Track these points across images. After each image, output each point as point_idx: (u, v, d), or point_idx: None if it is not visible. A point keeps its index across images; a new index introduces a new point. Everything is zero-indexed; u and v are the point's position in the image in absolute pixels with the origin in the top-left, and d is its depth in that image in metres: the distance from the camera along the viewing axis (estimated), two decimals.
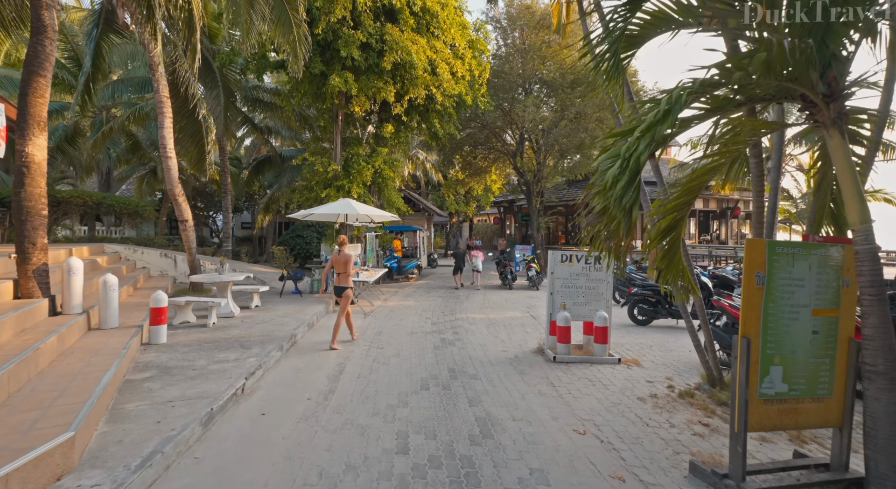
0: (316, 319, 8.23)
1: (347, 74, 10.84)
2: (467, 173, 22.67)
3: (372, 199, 13.23)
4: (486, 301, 11.58)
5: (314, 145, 13.79)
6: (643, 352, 6.65)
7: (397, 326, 8.14)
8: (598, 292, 6.48)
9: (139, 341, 5.57)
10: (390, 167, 13.18)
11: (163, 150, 8.57)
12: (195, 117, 9.02)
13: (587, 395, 4.76)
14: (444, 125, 14.14)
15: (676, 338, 7.64)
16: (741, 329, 2.90)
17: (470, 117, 18.24)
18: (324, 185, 12.65)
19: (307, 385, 4.86)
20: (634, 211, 2.44)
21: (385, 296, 12.24)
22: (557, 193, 20.88)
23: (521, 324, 8.54)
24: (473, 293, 13.02)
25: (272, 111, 16.54)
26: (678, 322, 8.76)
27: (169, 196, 8.81)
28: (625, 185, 2.35)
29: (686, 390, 4.86)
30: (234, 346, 5.78)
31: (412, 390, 4.80)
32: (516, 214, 31.68)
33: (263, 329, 6.89)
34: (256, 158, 19.65)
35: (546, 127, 15.19)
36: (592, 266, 6.48)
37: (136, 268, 11.65)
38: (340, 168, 12.64)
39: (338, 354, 6.16)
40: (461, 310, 10.12)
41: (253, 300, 8.62)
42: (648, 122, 2.35)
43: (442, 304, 10.84)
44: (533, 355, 6.38)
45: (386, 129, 12.77)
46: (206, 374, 4.64)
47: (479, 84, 14.16)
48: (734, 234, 28.19)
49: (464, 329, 8.05)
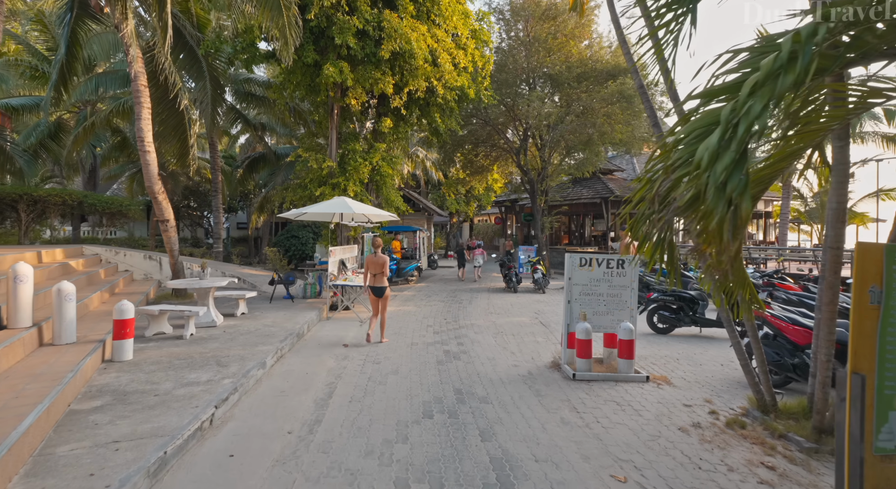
0: (307, 328, 7.51)
1: (342, 64, 10.12)
2: (468, 172, 21.96)
3: (369, 197, 12.52)
4: (490, 305, 10.87)
5: (308, 141, 13.06)
6: (671, 367, 5.94)
7: (396, 336, 7.43)
8: (620, 300, 5.77)
9: (99, 359, 4.85)
10: (389, 164, 12.47)
11: (140, 143, 7.86)
12: (176, 108, 8.31)
13: (619, 424, 4.05)
14: (446, 120, 13.43)
15: (704, 349, 6.92)
16: (850, 363, 2.19)
17: (472, 113, 17.53)
18: (318, 183, 11.94)
19: (290, 413, 4.14)
20: (745, 202, 1.72)
21: None
22: (562, 192, 20.17)
23: (530, 333, 7.83)
24: (476, 296, 12.31)
25: (265, 106, 15.83)
26: (702, 330, 8.06)
27: (149, 193, 8.10)
28: (729, 165, 1.65)
29: (733, 418, 4.15)
30: (209, 364, 5.06)
31: (413, 419, 4.09)
32: (518, 214, 30.96)
33: (246, 341, 6.17)
34: (250, 156, 18.93)
35: (551, 122, 14.50)
36: (615, 270, 5.77)
37: (118, 272, 10.93)
38: (336, 165, 11.92)
39: (329, 371, 5.44)
40: (465, 316, 9.41)
41: (238, 307, 7.90)
42: (766, 70, 1.63)
43: (444, 310, 10.14)
44: (548, 371, 5.67)
45: (384, 123, 12.06)
46: (169, 402, 3.92)
47: (482, 76, 13.45)
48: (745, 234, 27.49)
49: (469, 339, 7.34)
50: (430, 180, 28.33)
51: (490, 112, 17.34)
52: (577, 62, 15.86)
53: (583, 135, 14.82)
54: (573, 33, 15.69)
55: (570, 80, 15.64)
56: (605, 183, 20.53)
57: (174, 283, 6.60)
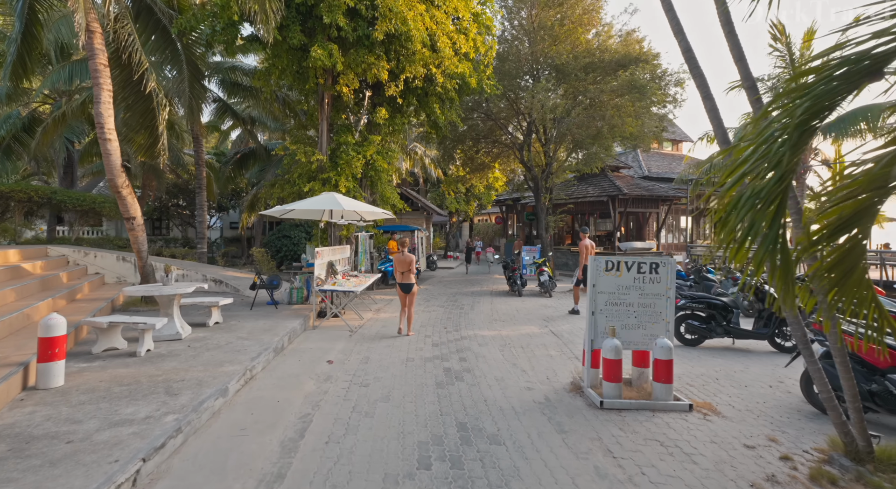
0: (287, 341, 6.58)
1: (332, 46, 9.19)
2: (469, 169, 21.03)
3: (363, 194, 11.60)
4: (494, 311, 9.95)
5: (298, 133, 12.13)
6: (712, 390, 5.03)
7: (389, 349, 6.50)
8: (654, 311, 4.85)
9: (18, 386, 3.93)
10: (384, 158, 11.54)
11: (99, 130, 6.92)
12: (143, 91, 7.39)
13: (671, 478, 3.13)
14: (446, 112, 12.52)
15: (744, 365, 6.01)
16: None
17: (472, 107, 16.62)
18: (307, 178, 11.01)
19: (246, 462, 3.22)
20: None
21: (377, 305, 10.61)
22: (566, 190, 19.28)
23: (541, 345, 6.91)
24: (479, 300, 11.39)
25: (254, 98, 14.91)
26: (734, 342, 7.15)
27: (111, 188, 7.17)
28: None
29: (817, 469, 3.23)
30: (156, 392, 4.14)
31: (405, 470, 3.16)
32: (520, 213, 30.06)
33: (212, 359, 5.24)
34: (239, 151, 17.98)
35: (558, 115, 13.60)
36: (647, 276, 4.85)
37: (86, 275, 10.00)
38: (326, 158, 11.00)
39: (305, 398, 4.52)
40: (467, 324, 8.49)
41: (211, 316, 6.96)
42: None
43: (444, 316, 9.21)
44: (569, 396, 4.76)
45: (379, 113, 11.13)
46: (82, 453, 2.99)
47: (484, 64, 12.54)
48: None
49: (472, 352, 6.42)
50: (429, 178, 27.43)
51: (492, 105, 16.43)
52: (584, 52, 14.94)
53: (591, 128, 13.90)
54: (581, 20, 14.78)
55: (576, 71, 14.73)
56: (612, 180, 19.62)
57: (131, 290, 5.68)
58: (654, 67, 13.75)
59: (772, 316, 6.63)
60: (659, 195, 19.30)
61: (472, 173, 21.31)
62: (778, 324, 6.60)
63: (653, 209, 20.33)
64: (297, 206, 8.56)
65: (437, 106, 12.23)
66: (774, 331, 6.63)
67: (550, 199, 17.72)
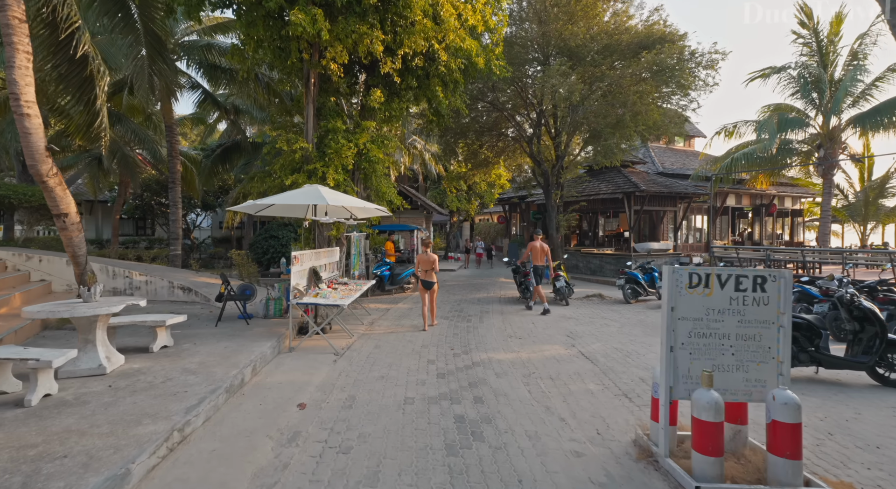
0: (250, 373, 5.09)
1: (316, 10, 7.71)
2: (471, 165, 19.53)
3: (355, 188, 10.11)
4: (507, 324, 8.49)
5: (279, 118, 10.64)
6: (832, 453, 3.57)
7: (381, 383, 5.03)
8: (760, 347, 3.38)
9: None
10: (380, 147, 10.05)
11: (14, 102, 5.43)
12: (74, 57, 5.92)
13: None
14: (449, 96, 11.04)
15: (852, 408, 4.53)
16: None
17: (477, 95, 15.16)
18: (290, 170, 9.51)
19: None
20: None
21: (371, 317, 9.14)
22: (577, 187, 17.83)
23: (575, 375, 5.44)
24: (487, 310, 9.92)
25: (236, 84, 13.42)
26: (818, 371, 5.68)
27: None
28: None
29: None
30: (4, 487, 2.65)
31: None
32: (524, 213, 28.63)
33: (129, 411, 3.75)
34: (223, 144, 16.46)
35: (574, 102, 12.15)
36: (750, 295, 3.38)
37: (28, 282, 8.50)
38: (312, 147, 9.51)
39: (253, 480, 3.04)
40: (478, 343, 7.01)
41: (156, 339, 5.47)
42: None
43: (449, 333, 7.74)
44: (639, 468, 3.29)
45: (374, 95, 9.64)
46: None
47: (493, 41, 11.06)
48: (768, 233, 25.23)
49: (490, 387, 4.95)
50: (429, 175, 25.95)
51: (499, 93, 14.97)
52: (600, 33, 13.50)
53: (611, 116, 12.44)
54: None
55: (593, 53, 13.29)
56: (627, 176, 18.18)
57: (31, 311, 4.20)
58: (680, 48, 12.29)
59: (875, 339, 5.16)
60: (678, 192, 17.86)
61: (475, 169, 19.82)
62: (884, 350, 5.14)
63: (669, 207, 18.90)
64: (274, 201, 7.08)
65: (440, 89, 10.74)
66: (876, 359, 5.17)
67: (561, 196, 16.27)
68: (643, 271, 12.22)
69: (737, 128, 20.34)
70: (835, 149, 18.12)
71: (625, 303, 11.47)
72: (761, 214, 24.56)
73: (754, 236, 24.88)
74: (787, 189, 24.59)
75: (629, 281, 11.62)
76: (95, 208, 23.89)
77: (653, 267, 12.34)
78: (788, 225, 26.88)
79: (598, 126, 12.28)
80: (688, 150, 26.64)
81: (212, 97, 14.10)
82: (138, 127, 14.74)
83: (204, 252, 24.94)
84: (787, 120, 18.16)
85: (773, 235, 25.63)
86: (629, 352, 6.53)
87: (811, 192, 25.66)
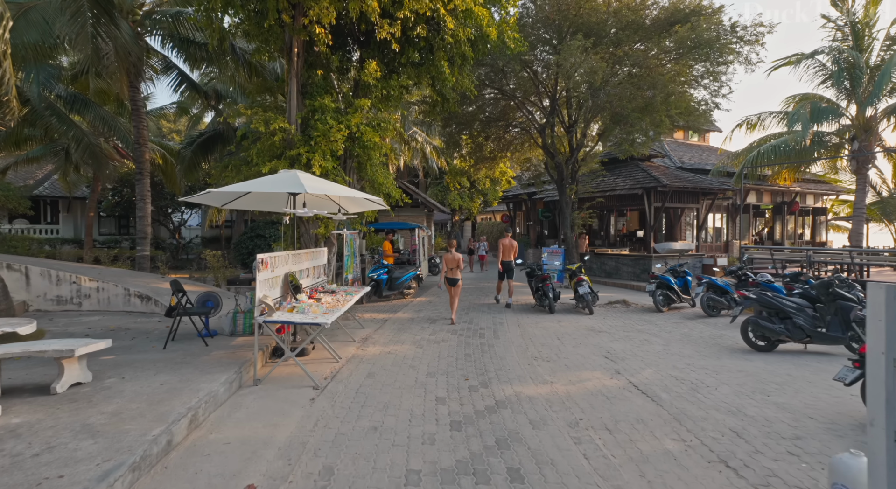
0: (186, 426, 3.59)
1: None
2: (475, 159, 18.01)
3: (347, 178, 8.64)
4: (527, 340, 7.01)
5: (259, 98, 9.15)
6: None
7: (373, 441, 3.54)
8: None
9: None
10: (375, 130, 8.56)
11: None
12: None
13: None
14: (456, 74, 9.57)
15: None
16: None
17: (485, 80, 13.67)
18: (268, 156, 8.05)
19: None
20: None
21: (365, 331, 7.65)
22: (592, 182, 16.35)
23: (639, 423, 3.96)
24: (501, 321, 8.43)
25: (214, 63, 11.94)
26: None
27: None
28: None
29: None
30: None
31: None
32: (529, 212, 27.14)
33: None
34: (204, 133, 14.93)
35: (597, 83, 10.68)
36: None
37: None
38: (295, 128, 8.04)
39: None
40: (498, 369, 5.53)
41: (62, 374, 3.96)
42: None
43: (460, 352, 6.27)
44: None
45: (369, 68, 8.16)
46: None
47: (506, 9, 9.60)
48: (789, 233, 23.77)
49: (527, 449, 3.46)
50: (430, 171, 24.46)
51: (508, 77, 13.49)
52: (623, 7, 12.01)
53: (638, 99, 10.95)
54: None
55: (617, 29, 11.82)
56: (647, 170, 16.72)
57: None
58: (718, 21, 10.82)
59: None
60: (703, 187, 16.39)
61: (480, 163, 18.30)
62: None
63: (691, 204, 17.43)
64: (238, 189, 5.59)
65: (446, 65, 9.26)
66: None
67: (576, 192, 14.80)
68: (674, 275, 10.74)
69: (761, 119, 18.87)
70: (870, 141, 16.66)
71: (656, 311, 10.01)
72: (782, 213, 23.09)
73: (775, 235, 23.43)
74: (811, 186, 23.14)
75: (661, 286, 10.14)
76: (74, 205, 22.34)
77: (685, 270, 10.86)
78: (809, 224, 25.42)
79: (623, 111, 10.81)
80: (703, 145, 25.20)
81: (189, 81, 12.62)
82: (108, 114, 13.25)
83: (192, 252, 23.43)
84: (820, 109, 16.69)
85: (795, 235, 24.18)
86: (695, 384, 5.06)
87: (835, 188, 24.21)
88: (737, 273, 10.23)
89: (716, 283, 9.58)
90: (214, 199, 6.04)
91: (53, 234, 22.15)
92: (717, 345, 6.93)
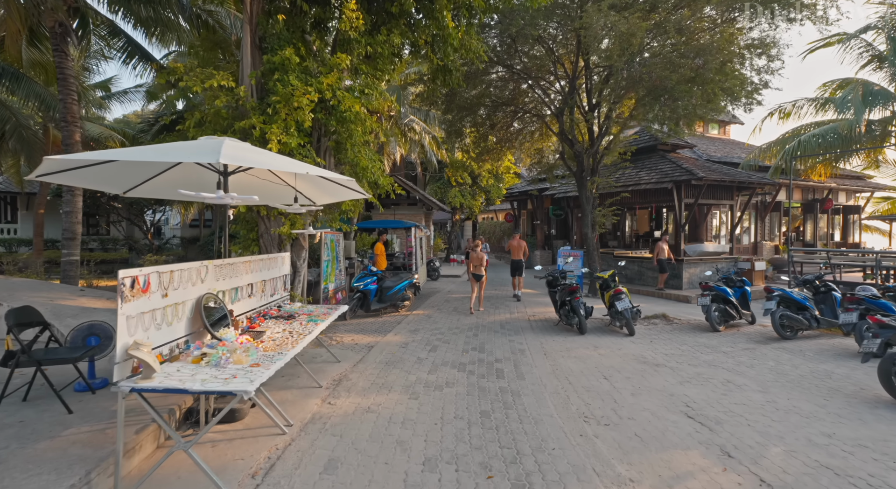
0: None
1: None
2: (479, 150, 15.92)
3: (319, 160, 6.55)
4: (565, 381, 4.93)
5: (203, 54, 7.07)
6: None
7: None
8: None
9: None
10: (357, 97, 6.46)
11: None
12: None
13: None
14: (462, 30, 7.49)
15: None
16: None
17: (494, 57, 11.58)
18: (212, 129, 5.96)
19: None
20: None
21: (340, 366, 5.53)
22: (612, 175, 14.28)
23: None
24: (522, 348, 6.34)
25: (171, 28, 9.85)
26: None
27: None
28: None
29: None
30: None
31: None
32: (535, 211, 25.07)
33: None
34: (163, 114, 12.78)
35: (633, 49, 8.63)
36: None
37: None
38: (247, 91, 5.96)
39: None
40: (535, 449, 3.45)
41: None
42: None
43: (472, 405, 4.19)
44: None
45: (348, 13, 6.08)
46: None
47: None
48: (822, 233, 21.73)
49: None
50: (429, 165, 22.37)
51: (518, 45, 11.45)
52: None
53: (685, 68, 8.88)
54: None
55: None
56: (676, 162, 14.68)
57: None
58: None
59: None
60: (741, 181, 14.34)
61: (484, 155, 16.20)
62: None
63: (725, 200, 15.36)
64: (111, 156, 3.50)
65: (449, 16, 7.19)
66: None
67: (597, 186, 12.74)
68: (729, 284, 8.70)
69: (797, 107, 16.84)
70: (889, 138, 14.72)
71: (710, 330, 7.97)
72: (813, 211, 21.05)
73: (806, 236, 21.41)
74: (846, 182, 21.12)
75: (716, 299, 8.10)
76: (34, 202, 20.12)
77: (743, 278, 8.83)
78: (840, 223, 23.39)
79: (667, 82, 8.76)
80: (724, 138, 23.21)
81: (140, 50, 10.51)
82: (45, 91, 11.14)
83: (170, 253, 21.32)
84: (872, 93, 14.67)
85: (828, 235, 22.15)
86: (872, 484, 2.99)
87: (871, 184, 22.23)
88: (813, 283, 8.17)
89: (792, 297, 7.52)
90: (65, 178, 3.88)
91: (11, 234, 19.97)
92: (838, 391, 4.87)
